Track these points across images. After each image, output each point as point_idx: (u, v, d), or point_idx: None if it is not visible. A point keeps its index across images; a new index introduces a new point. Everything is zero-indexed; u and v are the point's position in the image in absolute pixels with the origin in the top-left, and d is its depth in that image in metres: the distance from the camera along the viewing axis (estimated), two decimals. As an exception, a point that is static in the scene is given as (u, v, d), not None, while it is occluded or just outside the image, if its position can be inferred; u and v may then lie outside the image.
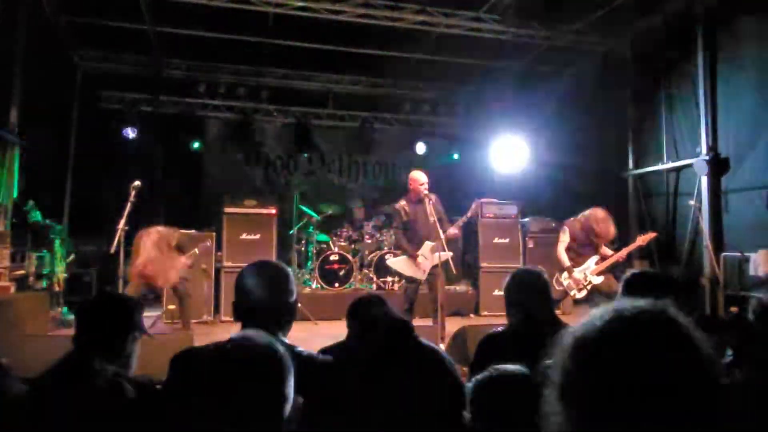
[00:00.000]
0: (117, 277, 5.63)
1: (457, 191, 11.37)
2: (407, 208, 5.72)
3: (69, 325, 6.63)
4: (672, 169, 8.01)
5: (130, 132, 9.61)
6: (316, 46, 9.17)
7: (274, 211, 8.11)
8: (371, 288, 8.58)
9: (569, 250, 5.57)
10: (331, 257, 8.44)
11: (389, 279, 8.50)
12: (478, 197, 6.39)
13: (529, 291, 2.20)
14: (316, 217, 8.80)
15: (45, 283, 7.10)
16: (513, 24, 8.20)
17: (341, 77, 10.69)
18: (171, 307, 6.95)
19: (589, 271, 5.44)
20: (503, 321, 2.83)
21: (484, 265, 8.49)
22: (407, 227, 5.73)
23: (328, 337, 5.98)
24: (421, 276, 5.61)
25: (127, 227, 5.31)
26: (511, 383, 1.53)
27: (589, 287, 5.43)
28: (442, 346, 4.90)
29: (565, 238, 5.60)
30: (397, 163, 11.85)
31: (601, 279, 5.43)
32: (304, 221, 9.06)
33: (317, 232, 8.89)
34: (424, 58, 9.66)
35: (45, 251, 7.13)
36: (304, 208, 8.85)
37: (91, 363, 1.70)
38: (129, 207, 5.30)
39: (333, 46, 9.20)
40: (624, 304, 0.80)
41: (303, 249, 8.97)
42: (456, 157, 11.84)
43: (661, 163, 8.17)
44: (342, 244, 8.84)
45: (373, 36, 8.62)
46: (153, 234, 5.77)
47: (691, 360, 0.73)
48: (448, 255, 5.41)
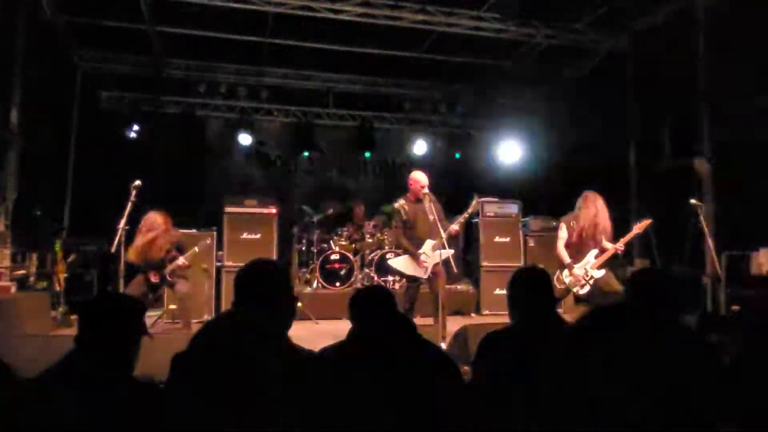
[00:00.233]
0: (118, 276, 5.62)
1: (458, 190, 11.39)
2: (406, 207, 5.71)
3: (70, 324, 6.63)
4: (673, 167, 7.99)
5: (132, 129, 9.62)
6: (317, 45, 9.17)
7: (274, 210, 8.10)
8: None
9: (569, 246, 5.55)
10: (332, 256, 8.43)
11: (390, 278, 8.49)
12: (478, 195, 6.38)
13: (531, 290, 2.20)
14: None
15: (46, 283, 7.10)
16: (513, 23, 8.19)
17: (341, 76, 10.68)
18: (172, 307, 6.95)
19: (589, 265, 5.43)
20: (504, 320, 2.83)
21: (485, 264, 8.48)
22: (407, 226, 5.72)
23: (329, 336, 6.00)
24: (423, 275, 5.60)
25: (127, 227, 5.31)
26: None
27: (591, 282, 5.42)
28: (444, 345, 4.90)
29: (563, 235, 5.58)
30: (397, 162, 11.84)
31: (602, 272, 5.41)
32: (306, 220, 9.06)
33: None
34: (424, 56, 9.65)
35: (45, 251, 7.14)
36: None
37: (93, 363, 1.70)
38: (129, 207, 5.30)
39: (333, 45, 9.20)
40: None
41: (304, 248, 8.96)
42: (458, 156, 11.83)
43: (663, 161, 8.15)
44: (343, 243, 8.84)
45: (374, 35, 8.61)
46: (158, 228, 5.84)
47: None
48: (450, 253, 5.40)
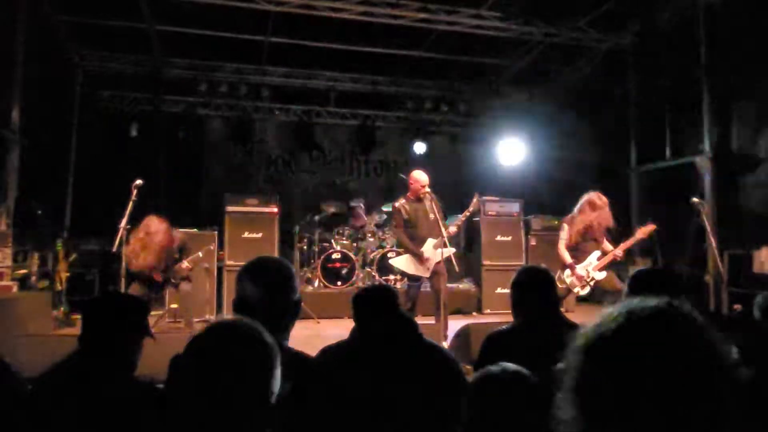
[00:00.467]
0: (119, 276, 5.62)
1: (460, 189, 11.38)
2: (407, 206, 5.70)
3: (71, 324, 6.64)
4: (675, 166, 7.98)
5: (134, 128, 9.63)
6: (317, 44, 9.15)
7: (276, 209, 8.10)
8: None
9: (570, 247, 5.54)
10: (333, 256, 8.43)
11: (392, 277, 8.48)
12: (479, 193, 6.36)
13: (535, 289, 2.19)
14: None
15: (47, 282, 7.10)
16: (515, 21, 8.17)
17: (342, 75, 10.66)
18: (173, 306, 6.96)
19: (591, 267, 5.42)
20: (506, 319, 2.82)
21: (486, 262, 8.47)
22: (408, 225, 5.71)
23: (330, 335, 6.00)
24: (425, 274, 5.59)
25: (129, 226, 5.30)
26: (510, 383, 1.51)
27: (592, 283, 5.41)
28: (445, 345, 4.89)
29: (564, 236, 5.57)
30: (398, 161, 11.83)
31: (603, 274, 5.40)
32: (307, 219, 9.06)
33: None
34: (425, 55, 9.64)
35: (47, 250, 7.14)
36: None
37: (96, 363, 1.69)
38: (131, 206, 5.29)
39: (334, 44, 9.18)
40: (636, 302, 0.78)
41: (305, 247, 8.96)
42: (460, 158, 11.76)
43: (664, 160, 8.14)
44: (344, 242, 8.83)
45: (374, 34, 8.59)
46: (156, 228, 5.82)
47: (707, 359, 0.72)
48: (451, 251, 5.39)
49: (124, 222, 5.22)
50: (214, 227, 7.92)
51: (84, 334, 1.80)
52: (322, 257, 8.37)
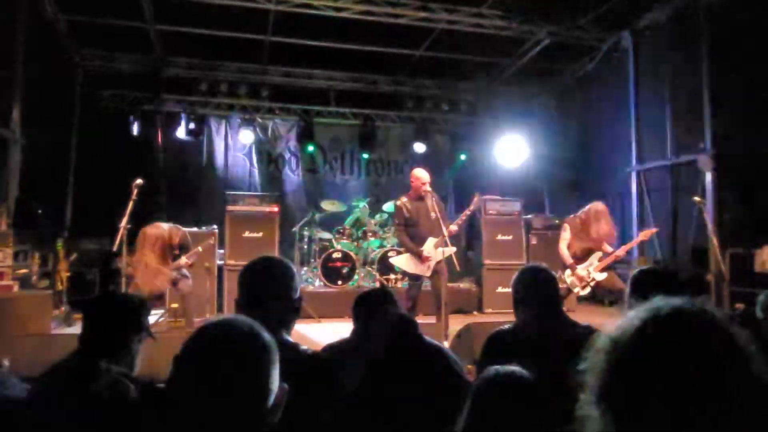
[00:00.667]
0: (120, 275, 5.62)
1: (460, 188, 11.38)
2: (408, 205, 5.69)
3: (71, 324, 6.63)
4: (675, 165, 7.96)
5: (134, 127, 9.64)
6: (318, 43, 9.15)
7: (276, 208, 8.10)
8: (374, 286, 8.56)
9: (571, 247, 5.54)
10: (334, 255, 8.42)
11: (392, 276, 8.48)
12: (480, 192, 6.36)
13: (537, 288, 2.18)
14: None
15: (48, 282, 7.10)
16: (516, 20, 8.16)
17: (343, 74, 10.66)
18: (174, 306, 6.95)
19: (592, 267, 5.41)
20: (507, 318, 2.81)
21: (487, 262, 8.46)
22: (409, 224, 5.70)
23: (331, 334, 5.99)
24: (425, 273, 5.58)
25: (129, 226, 5.29)
26: (513, 386, 1.50)
27: (592, 284, 5.41)
28: (446, 344, 4.88)
29: (566, 236, 5.57)
30: (399, 160, 11.82)
31: (604, 275, 5.40)
32: (308, 218, 9.06)
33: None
34: (426, 54, 9.62)
35: (47, 250, 7.15)
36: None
37: (96, 363, 1.68)
38: (131, 205, 5.29)
39: (335, 43, 9.18)
40: (660, 302, 0.78)
41: (306, 247, 8.95)
42: (463, 157, 11.75)
43: (665, 158, 8.13)
44: (345, 241, 8.82)
45: (375, 33, 8.58)
46: (153, 236, 5.79)
47: (734, 359, 0.71)
48: (452, 250, 5.38)
49: (124, 221, 5.22)
50: (215, 226, 7.91)
51: (84, 333, 1.79)
52: (323, 256, 8.37)
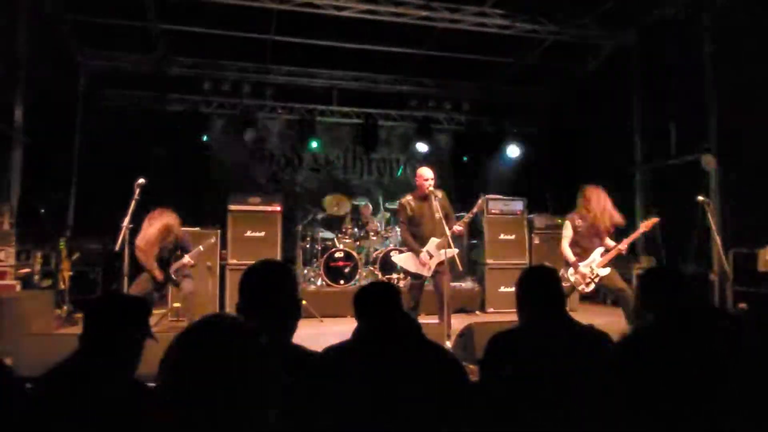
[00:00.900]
0: (122, 275, 5.61)
1: (463, 187, 11.36)
2: (412, 203, 5.67)
3: (74, 323, 6.64)
4: (680, 164, 7.94)
5: (137, 127, 9.69)
6: (320, 42, 9.14)
7: (279, 208, 8.09)
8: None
9: (574, 245, 5.51)
10: (336, 254, 8.41)
11: (394, 276, 8.46)
12: (483, 193, 6.34)
13: (541, 289, 2.16)
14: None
15: (50, 281, 7.11)
16: (518, 19, 8.14)
17: (345, 74, 10.65)
18: (176, 305, 6.96)
19: (595, 263, 5.38)
20: (509, 318, 2.79)
21: (489, 261, 8.44)
22: (412, 223, 5.68)
23: (333, 334, 5.98)
24: (426, 273, 5.56)
25: (131, 225, 5.29)
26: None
27: (596, 280, 5.38)
28: (449, 344, 4.87)
29: (567, 233, 5.53)
30: (401, 159, 11.81)
31: (608, 270, 5.37)
32: (310, 218, 9.05)
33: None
34: (428, 53, 9.60)
35: (50, 249, 7.15)
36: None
37: (96, 364, 1.67)
38: (134, 205, 5.28)
39: (337, 43, 9.17)
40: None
41: (308, 246, 8.95)
42: (465, 159, 11.74)
43: (669, 157, 8.10)
44: (347, 241, 8.82)
45: (378, 32, 8.57)
46: (162, 222, 5.80)
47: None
48: (454, 252, 5.36)
49: (126, 221, 5.21)
50: (217, 226, 7.91)
51: (85, 334, 1.78)
52: (325, 256, 8.36)
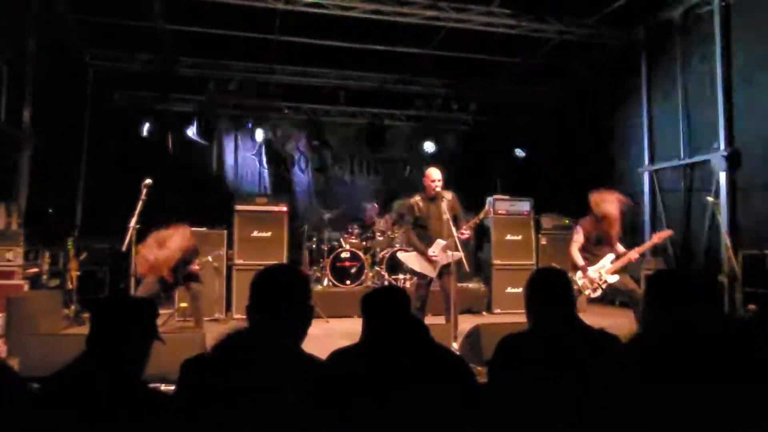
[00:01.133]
0: (129, 275, 5.63)
1: (470, 187, 11.32)
2: (420, 204, 5.65)
3: (82, 323, 6.67)
4: (689, 165, 7.88)
5: (144, 127, 9.70)
6: (327, 42, 9.14)
7: (285, 208, 8.09)
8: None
9: (583, 249, 5.47)
10: (343, 255, 8.41)
11: (401, 276, 8.45)
12: (490, 194, 6.31)
13: (550, 291, 2.14)
14: None
15: (58, 281, 7.14)
16: (525, 18, 8.11)
17: (352, 74, 10.64)
18: (183, 305, 6.97)
19: (604, 270, 5.34)
20: (516, 318, 2.77)
21: (496, 262, 8.41)
22: (418, 223, 5.66)
23: (340, 334, 5.99)
24: (431, 273, 5.54)
25: (138, 225, 5.29)
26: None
27: (604, 286, 5.34)
28: (456, 345, 4.85)
29: (578, 238, 5.48)
30: (408, 159, 11.79)
31: (616, 278, 5.32)
32: (316, 218, 9.06)
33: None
34: (435, 53, 9.58)
35: (58, 249, 7.18)
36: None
37: (102, 367, 1.66)
38: (140, 205, 5.29)
39: (343, 43, 9.16)
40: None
41: (314, 246, 8.95)
42: (472, 159, 11.71)
43: (678, 158, 8.04)
44: (353, 241, 8.81)
45: (384, 32, 8.56)
46: (182, 245, 5.86)
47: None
48: (460, 255, 5.32)
49: (133, 221, 5.22)
50: (224, 226, 7.92)
51: (91, 336, 1.77)
52: (331, 256, 8.36)
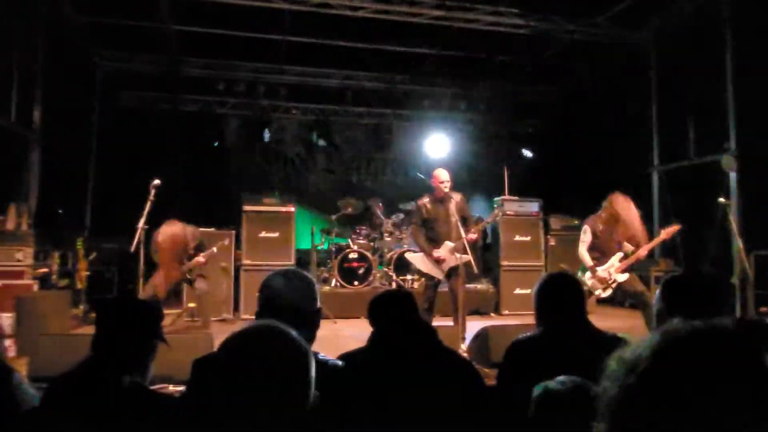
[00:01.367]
0: (138, 275, 5.64)
1: (478, 187, 11.29)
2: (429, 205, 5.62)
3: (91, 323, 6.69)
4: (699, 165, 7.81)
5: (153, 128, 9.77)
6: (334, 42, 9.13)
7: (292, 208, 8.09)
8: (390, 286, 8.51)
9: (592, 249, 5.43)
10: (351, 255, 8.39)
11: (409, 277, 8.43)
12: (500, 202, 6.25)
13: (561, 296, 2.11)
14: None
15: (67, 281, 7.17)
16: (533, 18, 8.07)
17: (359, 74, 10.63)
18: (191, 305, 6.99)
19: (613, 269, 5.30)
20: (524, 320, 2.75)
21: (504, 263, 8.36)
22: (426, 225, 5.64)
23: (348, 336, 5.97)
24: (439, 275, 5.51)
25: (146, 226, 5.31)
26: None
27: (614, 285, 5.30)
28: (464, 347, 4.82)
29: (586, 238, 5.45)
30: (416, 159, 11.76)
31: (626, 276, 5.29)
32: (324, 219, 9.06)
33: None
34: (443, 53, 9.55)
35: (67, 249, 7.22)
36: None
37: (108, 371, 1.65)
38: (149, 206, 5.30)
39: (351, 43, 9.16)
40: (674, 323, 0.72)
41: (322, 247, 8.94)
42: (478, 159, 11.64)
43: (688, 159, 7.97)
44: (361, 242, 8.79)
45: (392, 31, 8.54)
46: (170, 237, 5.82)
47: (759, 386, 0.65)
48: (467, 258, 5.29)
49: (142, 222, 5.24)
50: (232, 226, 7.93)
51: (96, 339, 1.76)
52: (339, 257, 8.34)
